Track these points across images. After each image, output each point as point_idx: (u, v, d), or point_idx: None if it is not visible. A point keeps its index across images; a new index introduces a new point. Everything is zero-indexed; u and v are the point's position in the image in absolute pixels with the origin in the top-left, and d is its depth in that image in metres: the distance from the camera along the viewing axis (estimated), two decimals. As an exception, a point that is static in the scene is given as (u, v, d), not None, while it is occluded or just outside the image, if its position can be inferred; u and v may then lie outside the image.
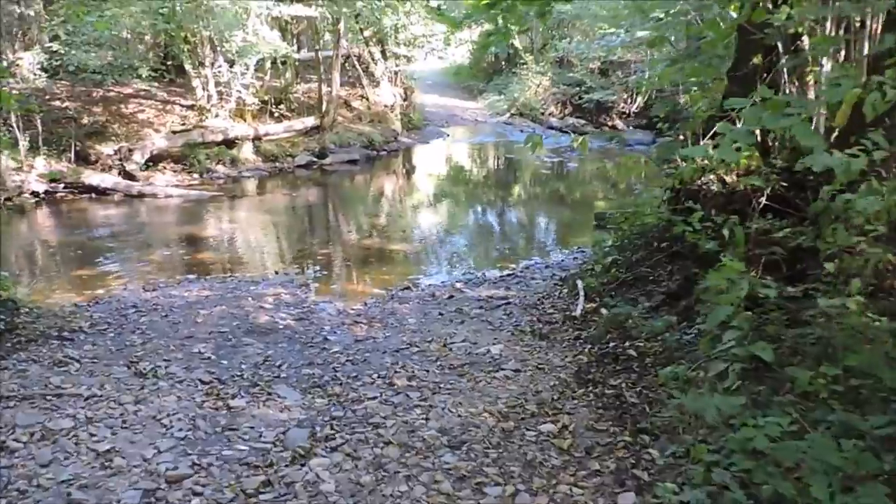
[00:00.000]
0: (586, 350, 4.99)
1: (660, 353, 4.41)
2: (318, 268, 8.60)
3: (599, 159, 18.68)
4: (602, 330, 5.11)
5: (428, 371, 4.88)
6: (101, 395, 4.37)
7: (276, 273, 8.22)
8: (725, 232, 4.27)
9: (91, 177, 13.18)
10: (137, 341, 5.59)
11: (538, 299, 6.65)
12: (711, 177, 5.78)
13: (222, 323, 6.16)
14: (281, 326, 6.15)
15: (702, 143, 5.69)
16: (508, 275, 7.86)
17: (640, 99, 24.53)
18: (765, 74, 5.71)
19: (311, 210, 12.77)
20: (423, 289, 7.52)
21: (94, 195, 13.06)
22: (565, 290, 6.81)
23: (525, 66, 27.10)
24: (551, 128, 24.08)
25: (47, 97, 16.03)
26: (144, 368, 4.88)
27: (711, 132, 5.69)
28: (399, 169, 17.90)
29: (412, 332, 5.90)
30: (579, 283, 6.52)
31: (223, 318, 6.29)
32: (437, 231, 10.79)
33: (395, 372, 4.89)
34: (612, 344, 4.85)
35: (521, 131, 23.40)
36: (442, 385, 4.59)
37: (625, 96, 25.17)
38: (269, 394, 4.54)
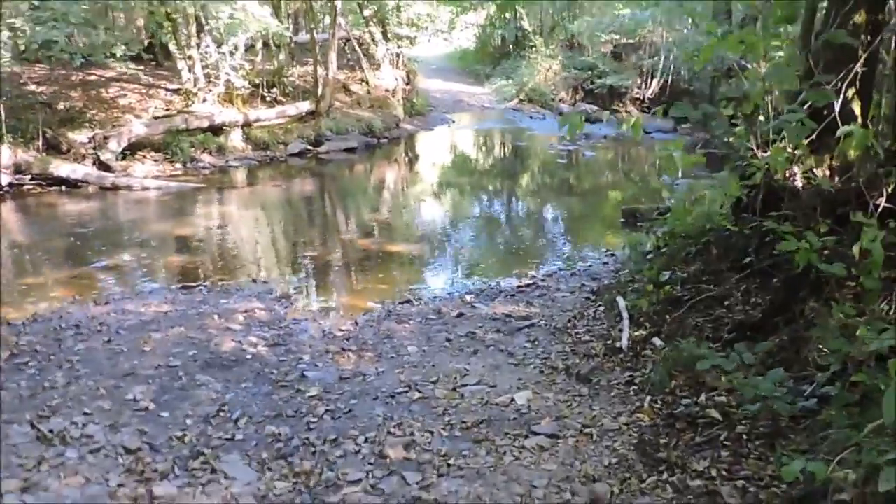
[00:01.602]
0: (646, 404, 3.72)
1: (755, 418, 3.16)
2: (304, 274, 7.35)
3: (615, 148, 17.39)
4: (663, 373, 3.85)
5: (432, 433, 3.63)
6: (-24, 478, 3.14)
7: (255, 281, 6.96)
8: (855, 249, 3.00)
9: (60, 167, 11.91)
10: (60, 381, 4.35)
11: (568, 320, 5.39)
12: (796, 171, 4.51)
13: (176, 352, 4.92)
14: (248, 356, 4.91)
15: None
16: (528, 285, 6.60)
17: (655, 83, 23.28)
18: (869, 37, 4.43)
19: (302, 204, 11.50)
20: (426, 302, 6.26)
21: (64, 187, 11.81)
22: (601, 308, 5.55)
23: (534, 50, 25.77)
24: (562, 114, 22.76)
25: (21, 81, 14.80)
26: (52, 429, 3.64)
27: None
28: (401, 157, 16.60)
29: (412, 366, 4.65)
30: (620, 301, 5.25)
31: (178, 345, 5.05)
32: (443, 229, 9.51)
33: (389, 433, 3.64)
34: (683, 400, 3.59)
35: (531, 117, 22.14)
36: (451, 459, 3.34)
37: (639, 81, 23.91)
38: (214, 470, 3.30)
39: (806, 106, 4.29)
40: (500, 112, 22.97)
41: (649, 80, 23.45)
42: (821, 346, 3.24)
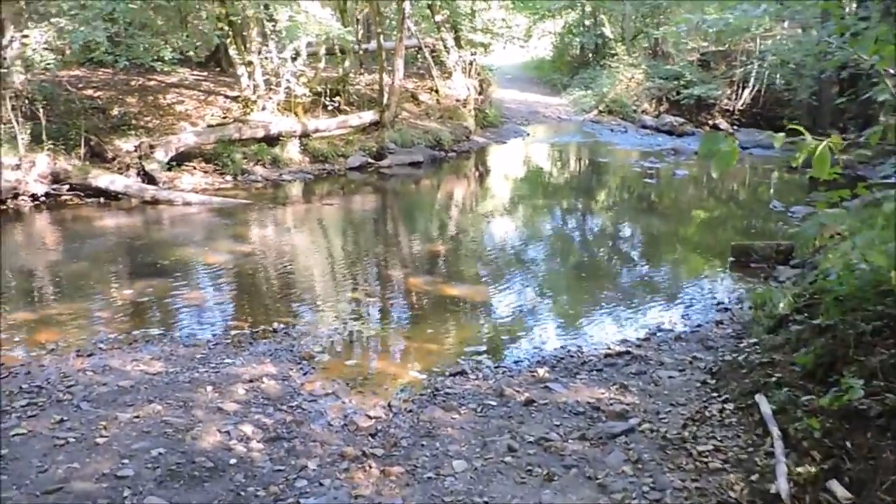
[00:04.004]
0: None
1: None
2: (338, 324, 5.95)
3: (709, 165, 15.48)
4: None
5: None
6: None
7: (275, 331, 5.64)
8: None
9: (100, 177, 11.03)
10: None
11: (683, 424, 3.80)
12: None
13: (137, 449, 3.60)
14: (233, 461, 3.54)
15: None
16: (620, 353, 5.02)
17: (746, 94, 21.36)
18: None
19: (354, 228, 10.20)
20: (485, 374, 4.77)
21: (103, 199, 10.91)
22: (728, 405, 3.94)
23: (615, 58, 24.09)
24: (645, 126, 21.13)
25: (80, 85, 14.17)
26: None
27: None
28: (470, 173, 15.17)
29: (456, 500, 3.18)
30: (763, 403, 3.63)
31: (145, 436, 3.73)
32: (513, 265, 7.93)
33: None
34: None
35: (611, 130, 20.47)
36: None
37: (728, 91, 22.04)
38: None
39: None
40: (578, 124, 21.34)
41: (740, 90, 21.57)
42: None
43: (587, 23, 27.61)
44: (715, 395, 4.14)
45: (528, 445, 3.66)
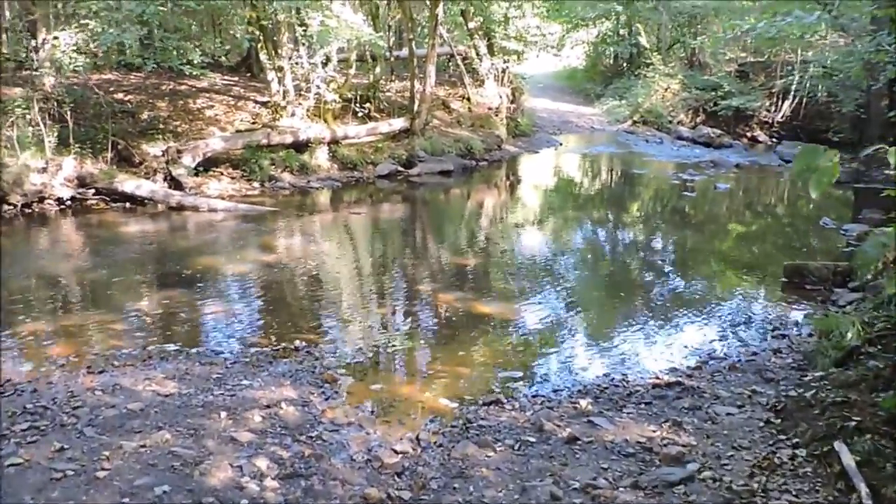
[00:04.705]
0: None
1: None
2: (362, 343, 5.58)
3: (751, 179, 14.89)
4: None
5: None
6: None
7: (296, 349, 5.30)
8: None
9: (125, 182, 10.84)
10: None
11: (750, 472, 3.36)
12: None
13: (140, 486, 3.26)
14: (244, 503, 3.18)
15: None
16: (670, 384, 4.58)
17: (786, 105, 20.70)
18: None
19: (381, 239, 9.86)
20: (522, 404, 4.37)
21: (128, 204, 10.73)
22: (799, 450, 3.49)
23: (651, 68, 23.55)
24: (681, 138, 20.58)
25: (111, 89, 14.07)
26: None
27: None
28: (501, 183, 14.76)
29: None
30: (844, 454, 3.18)
31: (149, 470, 3.39)
32: (548, 282, 7.48)
33: None
34: None
35: (646, 141, 19.95)
36: None
37: (768, 103, 21.39)
38: None
39: None
40: (612, 135, 20.86)
41: (780, 102, 20.91)
42: None
43: (622, 32, 27.15)
44: (782, 437, 3.69)
45: (574, 493, 3.25)
